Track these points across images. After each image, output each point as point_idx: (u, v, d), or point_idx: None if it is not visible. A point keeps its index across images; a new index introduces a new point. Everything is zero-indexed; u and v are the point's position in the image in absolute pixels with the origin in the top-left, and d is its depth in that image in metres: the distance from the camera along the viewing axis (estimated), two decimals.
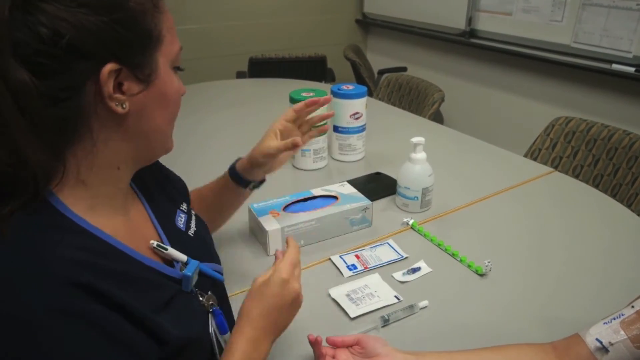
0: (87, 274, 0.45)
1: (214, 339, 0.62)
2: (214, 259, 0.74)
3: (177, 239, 0.66)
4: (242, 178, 0.90)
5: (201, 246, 0.72)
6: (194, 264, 0.61)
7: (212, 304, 0.64)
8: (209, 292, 0.65)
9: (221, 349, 0.63)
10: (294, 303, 0.67)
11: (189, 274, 0.59)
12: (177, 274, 0.59)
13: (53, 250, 0.45)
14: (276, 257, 0.71)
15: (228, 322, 0.68)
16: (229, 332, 0.65)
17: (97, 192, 0.53)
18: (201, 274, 0.65)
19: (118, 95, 0.49)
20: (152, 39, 0.51)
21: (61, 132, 0.48)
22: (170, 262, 0.61)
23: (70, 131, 0.49)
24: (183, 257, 0.61)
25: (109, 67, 0.47)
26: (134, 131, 0.54)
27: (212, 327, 0.62)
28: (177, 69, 0.58)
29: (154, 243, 0.59)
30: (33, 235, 0.45)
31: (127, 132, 0.53)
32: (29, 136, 0.45)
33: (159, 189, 0.71)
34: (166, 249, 0.60)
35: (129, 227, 0.58)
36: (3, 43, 0.42)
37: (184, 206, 0.75)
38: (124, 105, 0.50)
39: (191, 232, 0.71)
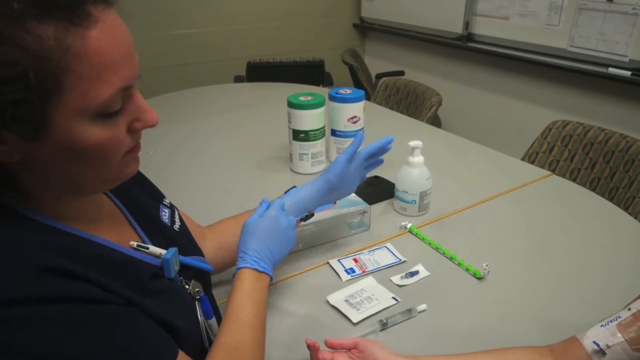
0: (60, 259, 0.47)
1: (203, 326, 0.64)
2: (199, 252, 0.77)
3: (163, 233, 0.69)
4: None
5: (186, 240, 0.75)
6: (172, 250, 0.63)
7: (198, 290, 0.66)
8: (193, 281, 0.67)
9: (209, 335, 0.66)
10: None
11: (168, 257, 0.61)
12: (157, 261, 0.62)
13: (21, 245, 0.47)
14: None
15: (213, 310, 0.70)
16: (214, 318, 0.68)
17: (58, 212, 0.54)
18: (185, 266, 0.67)
19: None
20: (37, 94, 0.44)
21: None
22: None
23: None
24: (164, 252, 0.63)
25: None
26: (48, 176, 0.51)
27: (200, 314, 0.64)
28: (106, 115, 0.49)
29: (134, 244, 0.61)
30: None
31: (41, 177, 0.51)
32: None
33: (138, 188, 0.73)
34: (147, 248, 0.62)
35: (106, 232, 0.59)
36: None
37: (166, 201, 0.78)
38: (11, 156, 0.47)
39: (176, 226, 0.74)
